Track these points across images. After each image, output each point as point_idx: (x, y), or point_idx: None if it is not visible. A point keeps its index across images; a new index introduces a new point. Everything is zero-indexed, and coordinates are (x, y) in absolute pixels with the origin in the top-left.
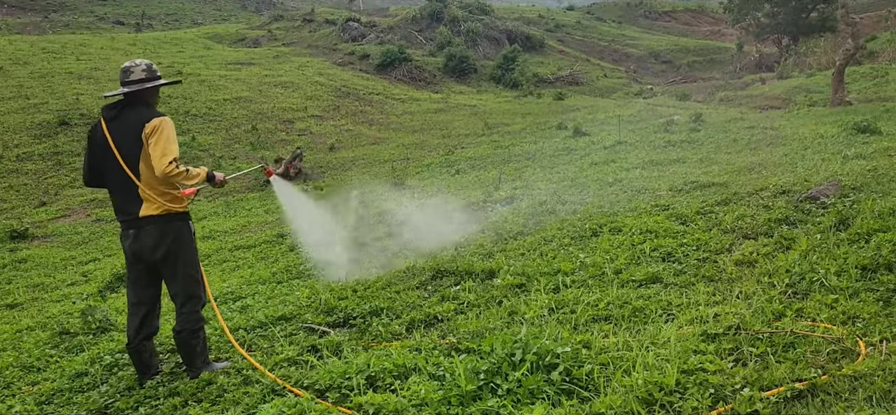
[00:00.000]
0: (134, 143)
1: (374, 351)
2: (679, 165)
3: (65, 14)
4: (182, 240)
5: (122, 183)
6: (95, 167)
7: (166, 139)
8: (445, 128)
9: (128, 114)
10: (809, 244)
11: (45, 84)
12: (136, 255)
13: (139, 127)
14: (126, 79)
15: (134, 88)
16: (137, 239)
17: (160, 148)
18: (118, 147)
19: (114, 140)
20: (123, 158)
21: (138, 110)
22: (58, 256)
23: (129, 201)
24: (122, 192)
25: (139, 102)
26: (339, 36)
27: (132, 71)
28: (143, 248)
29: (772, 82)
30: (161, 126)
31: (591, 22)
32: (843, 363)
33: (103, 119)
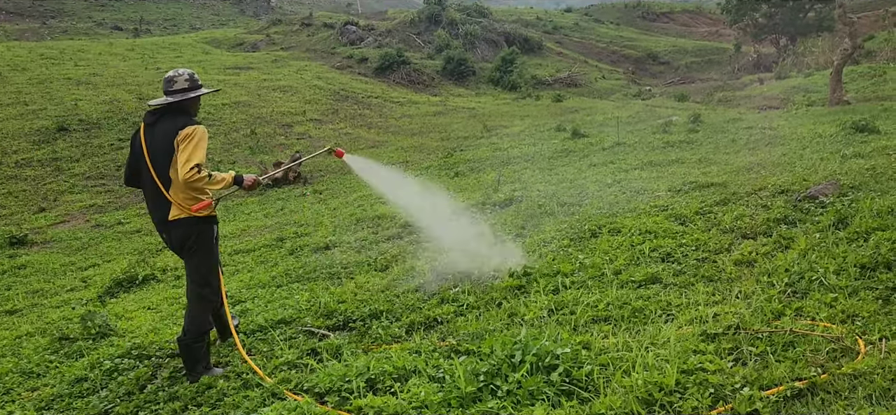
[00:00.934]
0: (166, 149)
1: (374, 354)
2: (678, 166)
3: (63, 20)
4: (202, 242)
5: (152, 187)
6: (133, 169)
7: (194, 146)
8: (444, 130)
9: (165, 121)
10: (808, 243)
11: (44, 90)
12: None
13: (173, 134)
14: (169, 88)
15: (177, 98)
16: (169, 240)
17: (186, 154)
18: (150, 153)
19: (148, 146)
20: (154, 164)
21: (176, 118)
22: (57, 261)
23: (159, 205)
24: (153, 196)
25: (179, 111)
26: (337, 39)
27: (175, 80)
28: (172, 247)
29: (770, 82)
30: (193, 133)
31: (589, 23)
32: (843, 362)
33: (143, 125)
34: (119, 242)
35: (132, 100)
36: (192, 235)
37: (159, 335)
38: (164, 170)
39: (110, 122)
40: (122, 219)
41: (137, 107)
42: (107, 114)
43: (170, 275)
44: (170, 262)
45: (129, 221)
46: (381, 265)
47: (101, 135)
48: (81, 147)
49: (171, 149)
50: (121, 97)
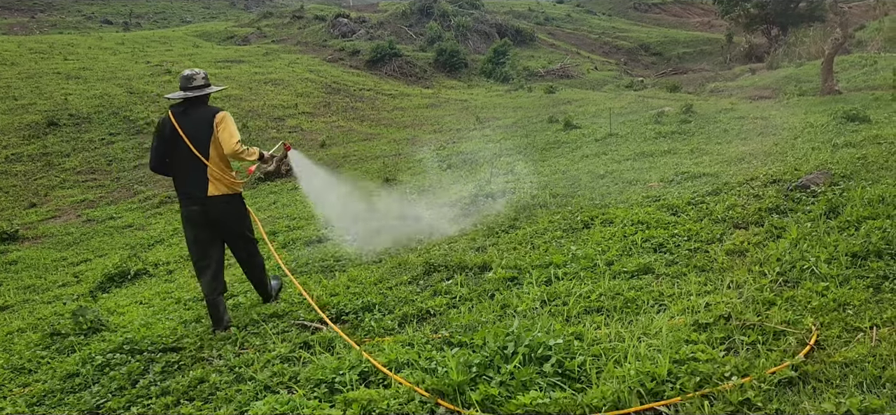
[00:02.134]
0: (205, 131)
1: (367, 347)
2: (670, 156)
3: (52, 14)
4: (242, 215)
5: (190, 167)
6: (163, 155)
7: (233, 126)
8: (437, 123)
9: (195, 110)
10: (800, 233)
11: (33, 84)
12: (204, 224)
13: (210, 118)
14: (189, 84)
15: (195, 94)
16: (205, 212)
17: (228, 132)
18: (189, 136)
19: (184, 131)
20: (194, 144)
21: (203, 107)
22: (48, 257)
23: (196, 182)
24: (191, 174)
25: (201, 102)
26: (328, 32)
27: (194, 78)
28: (213, 219)
29: (762, 72)
30: (227, 116)
31: (582, 15)
32: (834, 350)
33: (172, 115)
34: (111, 237)
35: (123, 94)
36: (232, 210)
37: (151, 330)
38: (205, 148)
39: (101, 116)
40: (113, 214)
41: (128, 101)
42: (97, 108)
43: (162, 270)
44: (162, 257)
45: (121, 216)
46: (374, 258)
47: (91, 129)
48: (72, 142)
49: (211, 129)
50: (111, 91)
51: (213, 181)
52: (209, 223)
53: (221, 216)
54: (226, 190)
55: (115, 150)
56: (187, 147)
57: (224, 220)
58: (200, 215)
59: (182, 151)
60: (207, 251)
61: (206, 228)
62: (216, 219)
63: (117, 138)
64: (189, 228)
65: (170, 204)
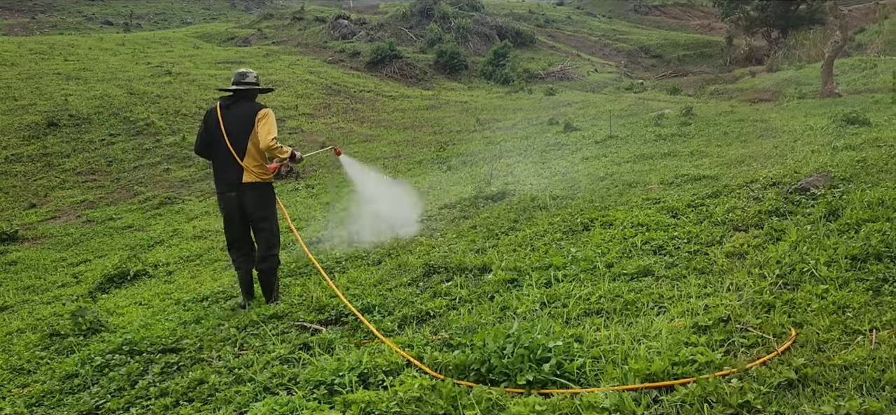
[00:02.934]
0: (245, 126)
1: (366, 348)
2: (670, 159)
3: (52, 14)
4: (271, 203)
5: (227, 158)
6: (207, 142)
7: (272, 123)
8: (437, 124)
9: (240, 106)
10: (800, 235)
11: (33, 85)
12: (236, 210)
13: (253, 114)
14: (241, 80)
15: (249, 88)
16: (238, 200)
17: (266, 128)
18: (228, 130)
19: (225, 125)
20: (232, 138)
21: (249, 104)
22: (48, 257)
23: (232, 172)
24: (228, 165)
25: (249, 97)
26: (329, 33)
27: (247, 75)
28: (241, 205)
29: (762, 75)
30: (269, 114)
31: (582, 17)
32: (834, 353)
33: (219, 107)
34: (110, 237)
35: (123, 95)
36: (262, 197)
37: (151, 331)
38: (240, 142)
39: (101, 116)
40: (113, 215)
41: (128, 102)
42: (97, 109)
43: (161, 271)
44: (161, 257)
45: (121, 217)
46: (374, 259)
47: (91, 130)
48: (72, 142)
49: (250, 126)
50: (111, 92)
51: (247, 171)
52: (240, 208)
53: (251, 202)
54: (257, 179)
55: (116, 150)
56: (225, 140)
57: (253, 206)
58: (234, 200)
59: (222, 142)
60: (239, 233)
61: (238, 212)
62: (247, 205)
63: (117, 139)
64: (224, 210)
65: (170, 205)
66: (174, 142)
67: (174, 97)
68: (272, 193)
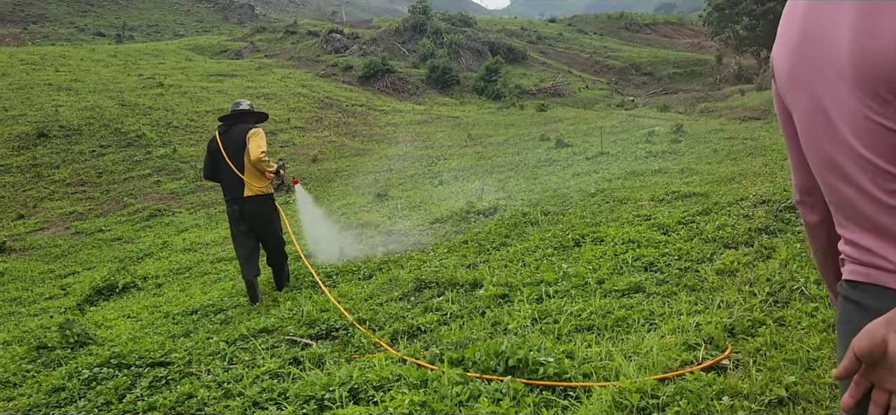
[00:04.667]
0: (240, 146)
1: (357, 363)
2: (661, 176)
3: (44, 25)
4: (272, 212)
5: (230, 174)
6: (211, 166)
7: (260, 139)
8: (429, 139)
9: (235, 129)
10: (789, 253)
11: (24, 96)
12: (241, 219)
13: (245, 132)
14: (237, 108)
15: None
16: (242, 210)
17: (255, 143)
18: (227, 152)
19: (224, 148)
20: (231, 158)
21: (243, 126)
22: (36, 269)
23: (235, 187)
24: (231, 180)
25: (243, 120)
26: (321, 47)
27: (240, 104)
28: (246, 215)
29: (751, 93)
30: (258, 131)
31: (573, 34)
32: (824, 371)
33: (218, 134)
34: (99, 249)
35: (114, 106)
36: (263, 207)
37: (139, 344)
38: (238, 160)
39: (91, 128)
40: (102, 226)
41: (119, 113)
42: (88, 120)
43: (150, 283)
44: (151, 270)
45: (110, 229)
46: (365, 274)
47: (82, 141)
48: (62, 153)
49: (244, 143)
50: (103, 104)
51: (247, 185)
52: (245, 218)
53: (254, 213)
54: (257, 192)
55: (106, 162)
56: (227, 161)
57: (255, 216)
58: (238, 212)
59: (223, 161)
60: (244, 242)
61: (243, 223)
62: (249, 215)
63: (108, 150)
64: (231, 222)
65: (159, 218)
66: (165, 154)
67: (165, 109)
68: (272, 203)
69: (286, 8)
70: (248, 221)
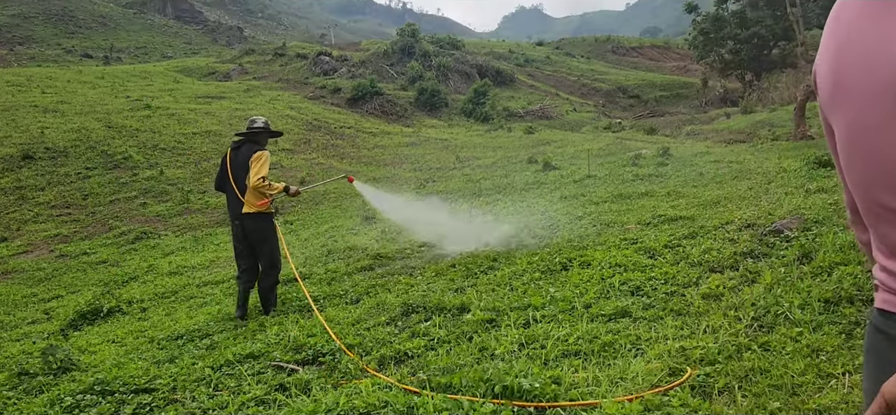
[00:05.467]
0: (244, 167)
1: (344, 389)
2: (647, 199)
3: (31, 47)
4: (268, 229)
5: (232, 193)
6: (220, 181)
7: (263, 164)
8: (417, 161)
9: (245, 148)
10: (774, 278)
11: (9, 117)
12: (241, 236)
13: (249, 156)
14: (251, 126)
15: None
16: (241, 227)
17: (256, 168)
18: (232, 170)
19: (231, 166)
20: (234, 177)
21: (250, 147)
22: (18, 293)
23: (236, 204)
24: (234, 199)
25: (255, 141)
26: (310, 70)
27: (255, 122)
28: (244, 231)
29: (736, 116)
30: (263, 155)
31: (561, 57)
32: (808, 397)
33: (229, 150)
34: (84, 272)
35: (101, 128)
36: (258, 225)
37: (123, 370)
38: (240, 180)
39: (77, 150)
40: (87, 249)
41: (106, 135)
42: (74, 142)
43: (136, 307)
44: (136, 294)
45: (95, 252)
46: (353, 298)
47: (67, 163)
48: (47, 175)
49: (247, 165)
50: (89, 125)
51: (247, 203)
52: (244, 234)
53: (252, 230)
54: (256, 210)
55: (92, 184)
56: (230, 179)
57: (253, 233)
58: (238, 228)
59: (228, 180)
60: (243, 255)
61: (242, 239)
62: (248, 232)
63: (94, 172)
64: (233, 238)
65: (145, 240)
66: (151, 176)
67: (153, 131)
68: (270, 222)
69: (275, 30)
70: (247, 237)
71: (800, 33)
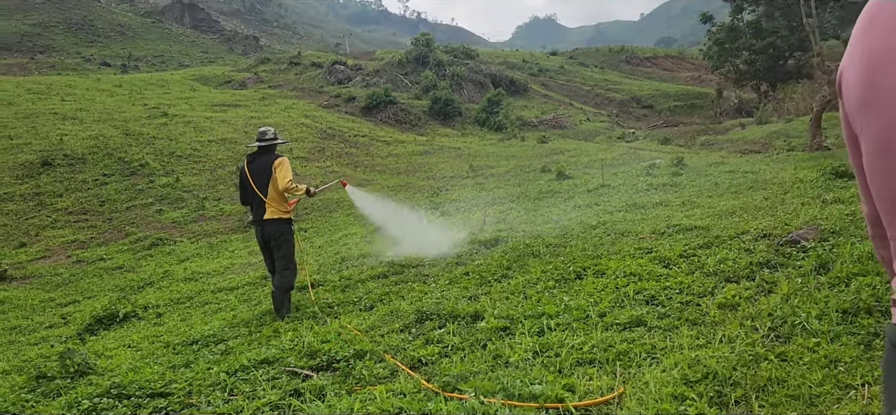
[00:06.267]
0: (266, 174)
1: (358, 395)
2: (662, 208)
3: (51, 55)
4: (286, 234)
5: (256, 199)
6: (243, 194)
7: (286, 169)
8: (430, 170)
9: (262, 158)
10: (791, 288)
11: (29, 124)
12: (264, 240)
13: (270, 163)
14: (262, 138)
15: (267, 143)
16: (263, 232)
17: (282, 173)
18: (254, 179)
19: (251, 175)
20: (256, 184)
21: (269, 155)
22: (36, 298)
23: (260, 211)
24: (255, 205)
25: (269, 151)
26: (325, 79)
27: (266, 133)
28: (266, 236)
29: (751, 127)
30: (284, 162)
31: (574, 67)
32: (826, 408)
33: (246, 162)
34: (100, 278)
35: (118, 135)
36: (279, 230)
37: (139, 374)
38: (263, 187)
39: (95, 157)
40: (104, 255)
41: (123, 142)
42: (92, 149)
43: (151, 312)
44: (151, 299)
45: (111, 258)
46: (366, 305)
47: (85, 170)
48: (65, 182)
49: (270, 172)
50: (107, 133)
51: (268, 209)
52: (264, 239)
53: (271, 234)
54: (277, 216)
55: (109, 191)
56: (253, 188)
57: (271, 237)
58: (260, 233)
59: (249, 188)
60: (267, 258)
61: (263, 241)
62: (267, 236)
63: (111, 179)
64: (258, 241)
65: (161, 247)
66: (167, 183)
67: (169, 139)
68: (289, 228)
69: (290, 39)
70: (267, 241)
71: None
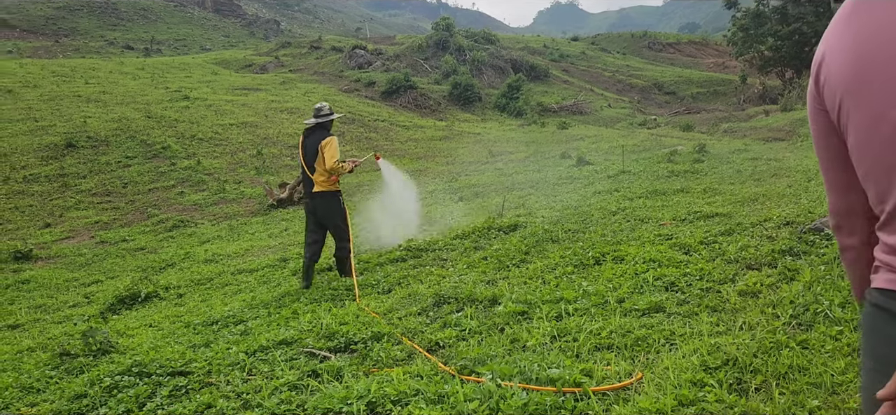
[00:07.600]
0: (314, 152)
1: (375, 377)
2: (682, 195)
3: (75, 38)
4: (335, 207)
5: (306, 175)
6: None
7: (334, 148)
8: (450, 155)
9: (315, 135)
10: (813, 275)
11: (54, 107)
12: (312, 212)
13: (318, 142)
14: (318, 114)
15: (321, 120)
16: (312, 203)
17: (329, 153)
18: (304, 155)
19: (303, 151)
20: (307, 160)
21: (320, 133)
22: (61, 277)
23: (308, 184)
24: (307, 179)
25: (323, 128)
26: (345, 63)
27: (322, 109)
28: (315, 208)
29: (775, 114)
30: (332, 140)
31: (596, 52)
32: (848, 396)
33: (302, 136)
34: (123, 259)
35: (141, 118)
36: (327, 202)
37: (160, 353)
38: (310, 162)
39: (118, 139)
40: (126, 236)
41: (146, 125)
42: (115, 131)
43: (172, 293)
44: (173, 280)
45: (134, 239)
46: (384, 288)
47: (108, 152)
48: (89, 164)
49: (317, 151)
50: (130, 115)
51: (317, 183)
52: (314, 211)
53: (321, 207)
54: (325, 189)
55: (131, 173)
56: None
57: (322, 210)
58: (309, 206)
59: (301, 163)
60: (312, 230)
61: (312, 215)
62: (316, 208)
63: (134, 161)
64: (306, 213)
65: (182, 228)
66: (189, 166)
67: (191, 122)
68: (338, 200)
69: (311, 24)
70: (316, 212)
71: None
